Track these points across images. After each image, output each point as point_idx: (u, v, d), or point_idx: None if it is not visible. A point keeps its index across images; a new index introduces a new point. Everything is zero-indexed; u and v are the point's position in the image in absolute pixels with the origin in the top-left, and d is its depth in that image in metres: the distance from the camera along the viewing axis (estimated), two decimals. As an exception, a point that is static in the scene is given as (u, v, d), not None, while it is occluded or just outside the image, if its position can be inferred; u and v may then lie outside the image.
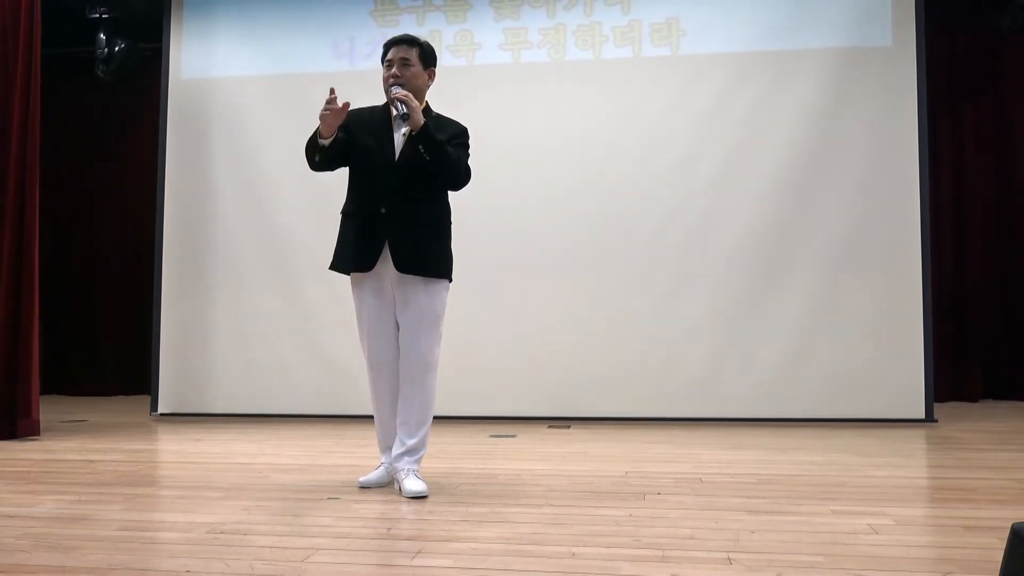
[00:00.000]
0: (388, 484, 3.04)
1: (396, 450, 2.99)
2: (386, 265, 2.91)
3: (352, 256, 2.95)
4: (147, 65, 6.44)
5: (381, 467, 3.07)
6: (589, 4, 5.38)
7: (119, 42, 6.23)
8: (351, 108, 3.04)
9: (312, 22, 5.62)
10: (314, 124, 2.86)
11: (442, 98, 3.09)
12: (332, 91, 2.79)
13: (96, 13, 6.17)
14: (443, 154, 2.86)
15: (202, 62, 5.75)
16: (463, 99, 5.19)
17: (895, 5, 5.08)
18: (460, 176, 2.96)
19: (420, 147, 2.83)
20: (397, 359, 2.98)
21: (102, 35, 6.21)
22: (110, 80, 6.38)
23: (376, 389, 3.03)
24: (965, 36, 6.30)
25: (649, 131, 5.26)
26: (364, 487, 3.01)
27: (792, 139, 5.12)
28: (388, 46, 2.99)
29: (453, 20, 5.51)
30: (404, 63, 2.93)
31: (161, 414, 5.56)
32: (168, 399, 5.60)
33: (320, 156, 2.88)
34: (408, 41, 2.98)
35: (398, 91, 2.84)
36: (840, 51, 5.11)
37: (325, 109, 2.78)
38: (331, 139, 2.84)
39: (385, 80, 2.94)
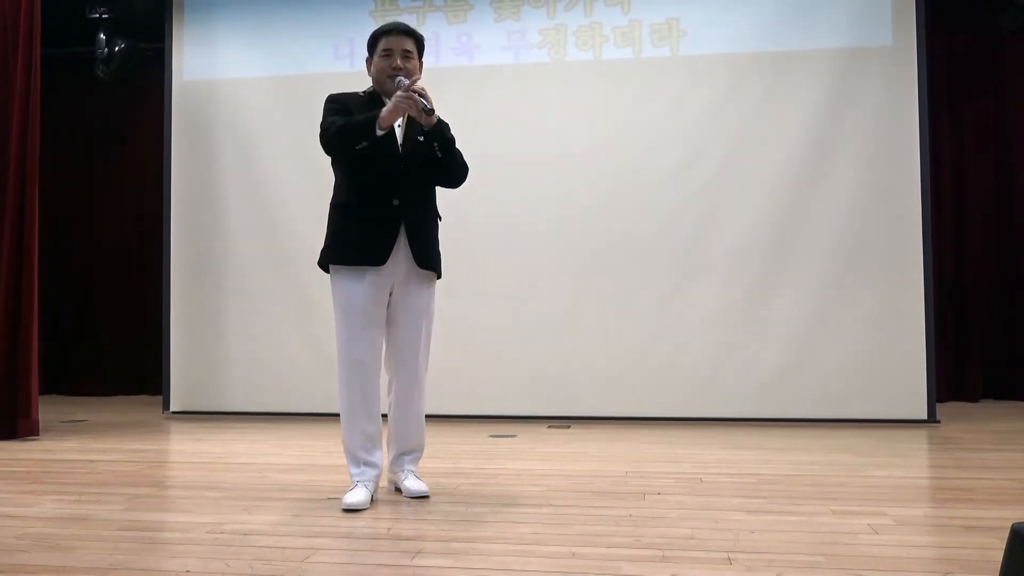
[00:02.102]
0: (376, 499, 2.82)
1: (394, 452, 2.96)
2: (394, 259, 2.78)
3: (363, 249, 2.76)
4: (147, 65, 6.44)
5: (359, 486, 2.74)
6: (589, 5, 5.38)
7: (119, 42, 6.23)
8: (334, 94, 2.91)
9: (313, 23, 5.62)
10: (315, 125, 2.83)
11: (443, 98, 3.07)
12: (413, 80, 2.67)
13: (96, 13, 6.17)
14: (455, 151, 2.85)
15: (203, 63, 5.75)
16: (463, 99, 5.21)
17: (895, 5, 5.08)
18: (465, 173, 2.94)
19: (435, 144, 2.78)
20: (380, 359, 2.86)
21: (102, 35, 6.21)
22: (110, 80, 6.38)
23: (363, 391, 2.78)
24: (965, 36, 6.30)
25: (649, 131, 5.25)
26: (351, 510, 2.66)
27: (792, 139, 5.12)
28: (383, 34, 2.85)
29: (453, 21, 5.51)
30: (407, 55, 2.84)
31: (173, 412, 5.59)
32: (179, 398, 5.63)
33: (358, 145, 2.67)
34: (407, 32, 2.87)
35: (415, 84, 2.71)
36: (840, 51, 5.11)
37: (404, 97, 2.63)
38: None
39: (382, 70, 2.83)
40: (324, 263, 2.87)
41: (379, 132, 2.67)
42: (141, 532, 2.41)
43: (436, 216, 2.97)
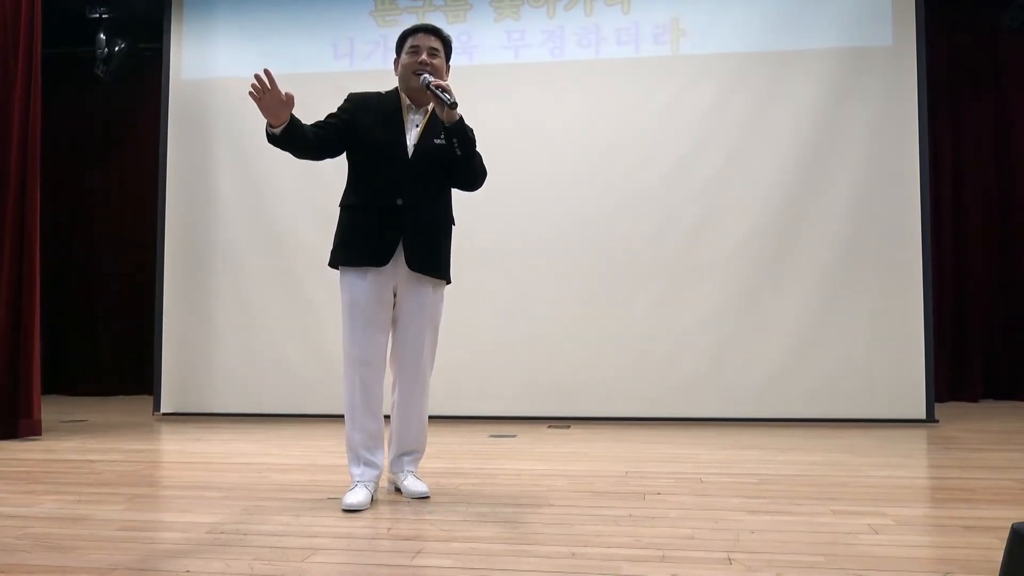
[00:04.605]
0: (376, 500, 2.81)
1: (394, 452, 2.96)
2: (396, 261, 2.77)
3: (364, 249, 2.76)
4: (147, 65, 6.44)
5: (359, 486, 2.74)
6: (589, 4, 5.38)
7: (119, 42, 6.24)
8: (354, 93, 2.94)
9: (312, 22, 5.62)
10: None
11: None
12: (266, 72, 2.57)
13: (96, 13, 6.17)
14: (475, 150, 2.80)
15: (203, 62, 5.75)
16: (463, 100, 5.18)
17: (895, 5, 5.08)
18: (484, 177, 2.89)
19: (454, 141, 2.73)
20: (385, 359, 2.86)
21: (102, 35, 6.21)
22: (110, 80, 6.39)
23: (365, 389, 2.79)
24: (965, 36, 6.30)
25: (649, 131, 5.26)
26: (351, 511, 2.65)
27: (792, 139, 5.12)
28: (411, 33, 2.88)
29: (453, 20, 5.51)
30: (434, 53, 2.84)
31: (164, 414, 5.57)
32: (171, 399, 5.61)
33: (280, 146, 2.66)
34: (436, 32, 2.89)
35: (437, 80, 2.73)
36: (840, 51, 5.11)
37: (254, 90, 2.55)
38: (283, 127, 2.61)
39: (408, 66, 2.83)
40: (332, 263, 2.89)
41: (271, 130, 2.64)
42: (141, 532, 2.41)
43: (446, 221, 2.91)
